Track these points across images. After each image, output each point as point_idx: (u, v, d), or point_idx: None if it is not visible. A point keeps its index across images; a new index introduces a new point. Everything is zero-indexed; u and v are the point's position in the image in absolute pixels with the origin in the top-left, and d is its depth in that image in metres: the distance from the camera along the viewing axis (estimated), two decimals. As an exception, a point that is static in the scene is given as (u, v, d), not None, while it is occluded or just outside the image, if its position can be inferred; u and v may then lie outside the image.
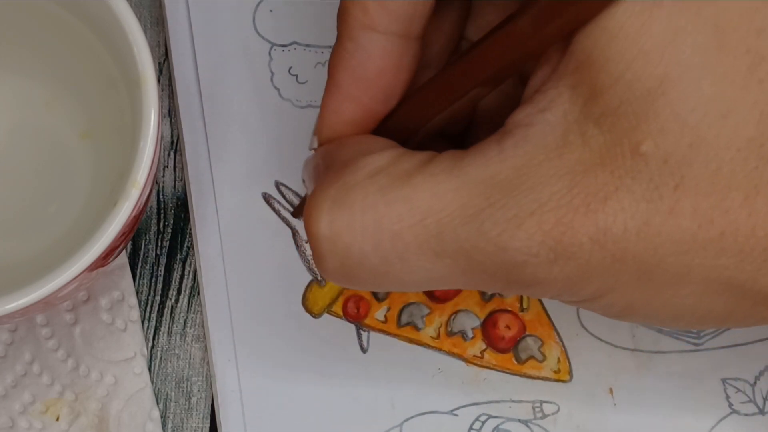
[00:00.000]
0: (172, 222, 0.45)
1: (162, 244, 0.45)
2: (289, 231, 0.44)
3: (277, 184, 0.44)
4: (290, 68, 0.45)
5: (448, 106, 0.34)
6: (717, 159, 0.29)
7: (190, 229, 0.44)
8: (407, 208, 0.31)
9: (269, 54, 0.45)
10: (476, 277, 0.32)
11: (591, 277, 0.31)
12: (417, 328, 0.43)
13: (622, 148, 0.29)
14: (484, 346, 0.43)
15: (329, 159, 0.34)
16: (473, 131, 0.38)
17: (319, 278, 0.43)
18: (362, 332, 0.43)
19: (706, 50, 0.29)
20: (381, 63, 0.34)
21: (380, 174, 0.32)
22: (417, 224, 0.31)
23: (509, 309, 0.43)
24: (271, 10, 0.45)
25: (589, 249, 0.30)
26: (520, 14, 0.31)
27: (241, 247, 0.43)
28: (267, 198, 0.44)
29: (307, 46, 0.45)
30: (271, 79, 0.45)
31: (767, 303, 0.31)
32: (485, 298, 0.44)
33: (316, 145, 0.36)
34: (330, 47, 0.45)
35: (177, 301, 0.44)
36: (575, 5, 0.29)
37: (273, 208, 0.44)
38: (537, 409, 0.43)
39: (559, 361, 0.43)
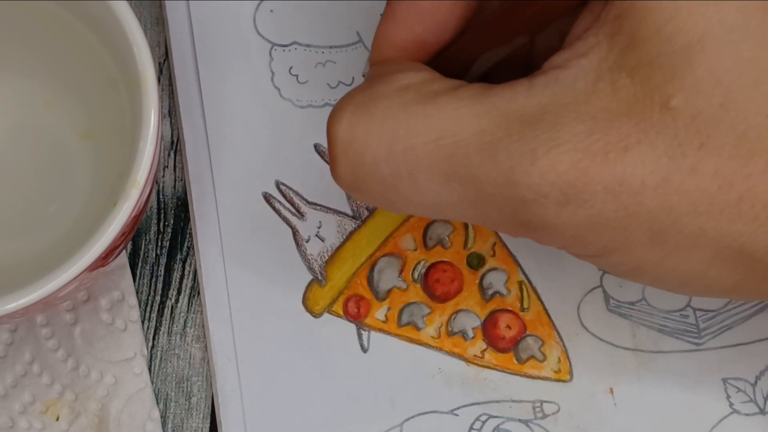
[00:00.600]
0: (172, 222, 0.45)
1: (162, 244, 0.45)
2: (289, 231, 0.44)
3: (278, 184, 0.44)
4: (291, 68, 0.45)
5: (493, 47, 0.34)
6: (745, 123, 0.29)
7: (190, 229, 0.44)
8: (425, 125, 0.31)
9: (270, 54, 0.45)
10: (484, 211, 0.32)
11: (601, 229, 0.31)
12: (417, 328, 0.43)
13: (651, 101, 0.29)
14: (484, 346, 0.43)
15: (371, 75, 0.35)
16: None
17: (319, 278, 0.43)
18: (363, 332, 0.43)
19: (751, 13, 0.29)
20: None
21: (408, 89, 0.32)
22: (432, 142, 0.31)
23: (510, 309, 0.43)
24: (271, 10, 0.45)
25: (602, 198, 0.30)
26: None
27: (241, 247, 0.43)
28: (267, 197, 0.44)
29: (308, 46, 0.45)
30: (272, 79, 0.45)
31: None
32: (485, 297, 0.43)
33: (367, 68, 0.36)
34: (330, 47, 0.45)
35: (177, 301, 0.44)
36: None
37: (273, 208, 0.44)
38: (537, 409, 0.43)
39: (559, 360, 0.43)
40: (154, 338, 0.44)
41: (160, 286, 0.44)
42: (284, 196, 0.44)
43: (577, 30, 0.32)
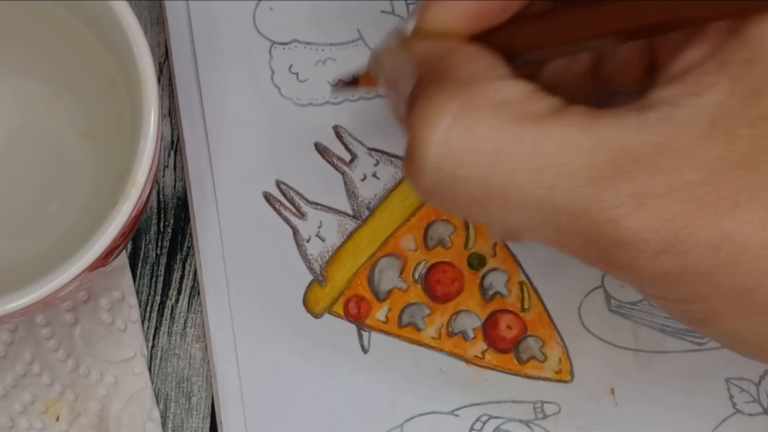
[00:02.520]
0: (172, 222, 0.45)
1: (162, 244, 0.45)
2: (290, 230, 0.44)
3: (278, 183, 0.44)
4: (291, 66, 0.45)
5: (568, 43, 0.32)
6: None
7: (190, 229, 0.44)
8: (531, 150, 0.29)
9: (269, 52, 0.45)
10: (570, 240, 0.30)
11: (690, 279, 0.29)
12: (418, 329, 0.43)
13: None
14: (485, 347, 0.43)
15: (439, 66, 0.32)
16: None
17: (320, 278, 0.43)
18: (363, 332, 0.43)
19: None
20: None
21: (509, 106, 0.30)
22: (536, 170, 0.29)
23: (510, 309, 0.43)
24: (271, 8, 0.45)
25: (702, 251, 0.29)
26: None
27: (241, 247, 0.43)
28: (268, 197, 0.44)
29: (308, 44, 0.45)
30: (272, 78, 0.45)
31: None
32: (486, 298, 0.43)
33: (410, 28, 0.33)
34: (331, 45, 0.45)
35: (177, 301, 0.44)
36: None
37: (274, 208, 0.44)
38: (538, 410, 0.43)
39: (560, 361, 0.43)
40: (154, 338, 0.44)
41: (160, 286, 0.44)
42: (284, 195, 0.44)
43: (688, 59, 0.30)
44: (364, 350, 0.43)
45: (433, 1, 0.32)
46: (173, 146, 0.45)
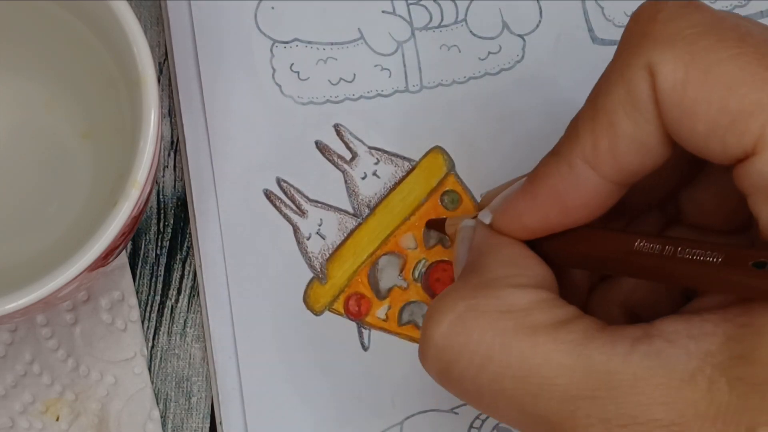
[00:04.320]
0: (172, 222, 0.45)
1: (162, 244, 0.45)
2: (290, 228, 0.44)
3: (279, 181, 0.44)
4: (292, 65, 0.45)
5: (610, 270, 0.35)
6: None
7: (190, 229, 0.44)
8: (518, 360, 0.32)
9: (271, 51, 0.45)
10: None
11: None
12: (418, 327, 0.43)
13: (739, 418, 0.29)
14: (484, 346, 0.43)
15: (480, 260, 0.35)
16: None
17: (320, 276, 0.43)
18: (363, 330, 0.43)
19: None
20: (586, 199, 0.33)
21: (510, 315, 0.32)
22: (521, 378, 0.32)
23: (510, 309, 0.43)
24: (272, 7, 0.45)
25: None
26: (730, 261, 0.30)
27: (242, 244, 0.43)
28: (268, 195, 0.44)
29: (309, 42, 0.45)
30: (273, 76, 0.45)
31: None
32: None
33: (488, 221, 0.36)
34: (332, 44, 0.45)
35: (177, 301, 0.44)
36: None
37: (274, 205, 0.44)
38: (537, 409, 0.43)
39: (559, 360, 0.43)
40: (154, 338, 0.44)
41: (160, 286, 0.44)
42: (285, 193, 0.44)
43: (705, 301, 0.32)
44: (365, 348, 0.43)
45: (508, 214, 0.35)
46: (173, 146, 0.45)
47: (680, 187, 0.37)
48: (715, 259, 0.31)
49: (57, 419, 0.43)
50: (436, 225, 0.43)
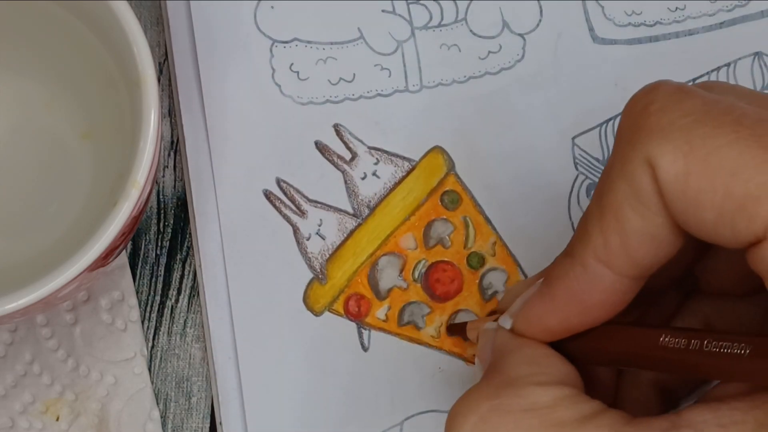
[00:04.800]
0: (172, 222, 0.45)
1: (162, 244, 0.45)
2: (290, 228, 0.44)
3: (279, 181, 0.44)
4: (291, 65, 0.45)
5: (635, 365, 0.35)
6: None
7: (190, 229, 0.44)
8: None
9: (270, 51, 0.45)
10: None
11: None
12: (418, 327, 0.43)
13: None
14: (484, 346, 0.43)
15: (501, 361, 0.35)
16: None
17: (320, 276, 0.43)
18: (363, 331, 0.43)
19: None
20: (604, 297, 0.33)
21: (535, 413, 0.32)
22: None
23: (510, 309, 0.43)
24: (272, 7, 0.45)
25: None
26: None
27: (241, 245, 0.43)
28: (268, 195, 0.44)
29: (309, 42, 0.45)
30: (272, 76, 0.45)
31: None
32: (485, 297, 0.43)
33: (508, 326, 0.36)
34: (331, 44, 0.45)
35: (177, 301, 0.44)
36: None
37: (274, 206, 0.44)
38: (537, 409, 0.43)
39: (559, 360, 0.43)
40: (154, 338, 0.44)
41: (160, 286, 0.44)
42: (285, 193, 0.44)
43: (728, 389, 0.32)
44: (364, 348, 0.43)
45: (528, 317, 0.35)
46: (173, 146, 0.45)
47: (694, 263, 0.37)
48: (742, 351, 0.30)
49: (57, 419, 0.43)
50: (457, 329, 0.43)
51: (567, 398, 0.33)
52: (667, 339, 0.32)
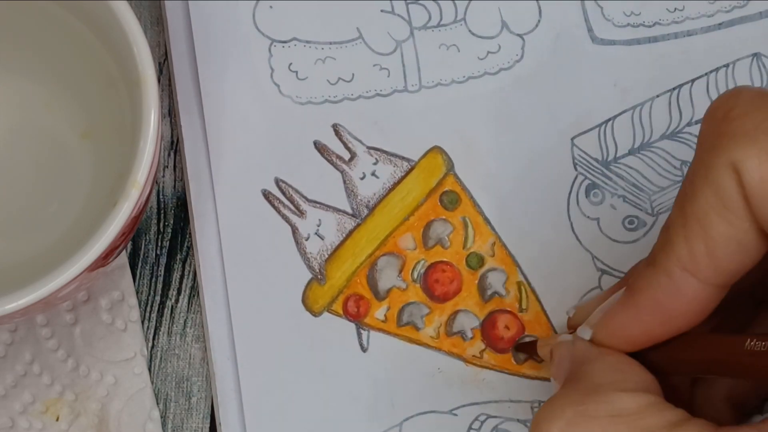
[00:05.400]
0: (172, 222, 0.45)
1: (162, 244, 0.45)
2: (289, 228, 0.44)
3: (277, 181, 0.44)
4: (290, 64, 0.45)
5: (719, 373, 0.34)
6: None
7: (190, 229, 0.44)
8: None
9: (269, 50, 0.45)
10: None
11: None
12: (417, 328, 0.43)
13: None
14: (483, 347, 0.43)
15: (582, 369, 0.35)
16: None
17: (319, 276, 0.43)
18: (362, 331, 0.43)
19: None
20: (689, 306, 0.33)
21: (621, 420, 0.32)
22: None
23: (508, 309, 0.43)
24: (271, 7, 0.45)
25: None
26: None
27: (240, 245, 0.43)
28: (267, 195, 0.44)
29: (307, 42, 0.45)
30: (271, 76, 0.45)
31: None
32: (484, 298, 0.43)
33: (587, 337, 0.36)
34: (330, 43, 0.45)
35: (177, 301, 0.44)
36: None
37: (273, 206, 0.44)
38: (536, 409, 0.43)
39: (558, 360, 0.43)
40: (154, 338, 0.44)
41: (160, 286, 0.44)
42: (284, 193, 0.44)
43: None
44: (363, 349, 0.43)
45: (609, 326, 0.35)
46: (173, 146, 0.45)
47: None
48: None
49: (57, 419, 0.43)
50: (526, 348, 0.43)
51: (653, 405, 0.32)
52: (753, 343, 0.32)
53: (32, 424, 0.43)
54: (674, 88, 0.45)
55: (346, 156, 0.44)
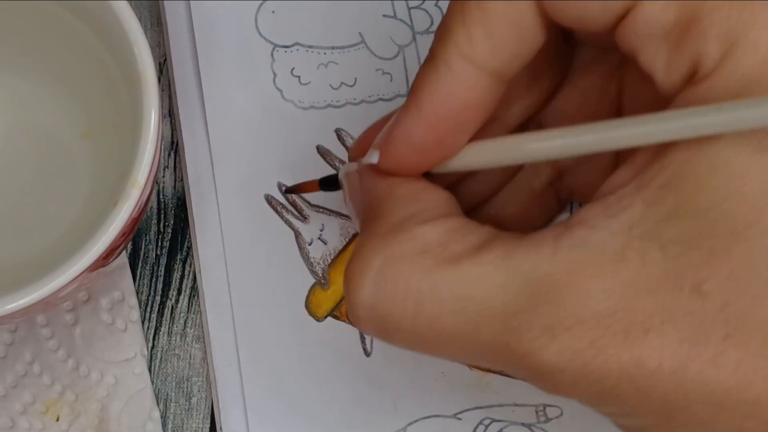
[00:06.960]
0: (172, 222, 0.45)
1: (162, 245, 0.45)
2: (291, 233, 0.44)
3: (280, 186, 0.44)
4: (293, 69, 0.45)
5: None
6: None
7: (190, 232, 0.44)
8: (449, 295, 0.30)
9: (271, 55, 0.45)
10: (505, 368, 0.31)
11: (611, 401, 0.30)
12: (420, 331, 0.43)
13: (681, 280, 0.28)
14: (486, 348, 0.43)
15: (378, 205, 0.33)
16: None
17: (322, 281, 0.43)
18: (366, 336, 0.43)
19: None
20: (468, 96, 0.32)
21: (430, 252, 0.31)
22: (457, 311, 0.30)
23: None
24: (273, 11, 0.45)
25: (616, 378, 0.29)
26: None
27: (243, 250, 0.43)
28: (269, 200, 0.44)
29: (310, 47, 0.45)
30: (274, 81, 0.45)
31: None
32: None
33: (375, 160, 0.34)
34: (333, 48, 0.45)
35: (177, 301, 0.44)
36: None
37: (275, 210, 0.44)
38: (540, 413, 0.43)
39: (562, 363, 0.43)
40: (154, 338, 0.44)
41: (160, 286, 0.44)
42: (286, 198, 0.44)
43: (614, 181, 0.30)
44: (367, 354, 0.43)
45: (394, 138, 0.33)
46: (173, 146, 0.45)
47: (548, 100, 0.37)
48: None
49: (57, 419, 0.43)
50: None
51: (456, 231, 0.32)
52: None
53: (32, 424, 0.43)
54: None
55: (349, 160, 0.44)
